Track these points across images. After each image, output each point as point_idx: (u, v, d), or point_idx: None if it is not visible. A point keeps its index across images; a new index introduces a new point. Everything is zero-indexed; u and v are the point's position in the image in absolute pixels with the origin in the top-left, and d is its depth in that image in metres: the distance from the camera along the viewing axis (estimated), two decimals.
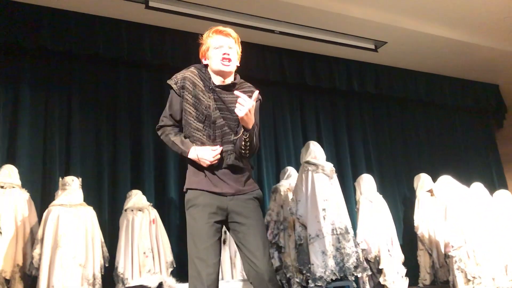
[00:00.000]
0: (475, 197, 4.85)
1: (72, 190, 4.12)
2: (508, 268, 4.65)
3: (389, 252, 4.98)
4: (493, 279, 4.46)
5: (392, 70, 6.73)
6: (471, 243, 4.52)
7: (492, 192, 5.28)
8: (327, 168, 4.54)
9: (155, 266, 4.29)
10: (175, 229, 4.92)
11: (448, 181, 4.96)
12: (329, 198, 4.39)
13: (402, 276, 4.95)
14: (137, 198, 4.53)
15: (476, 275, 4.43)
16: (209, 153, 2.20)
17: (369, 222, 5.08)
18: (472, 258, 4.48)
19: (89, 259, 3.97)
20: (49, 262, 3.81)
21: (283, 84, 6.10)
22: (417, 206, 5.57)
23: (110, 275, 4.24)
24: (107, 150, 4.97)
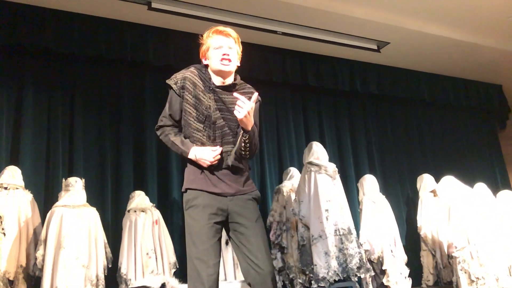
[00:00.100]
0: (479, 197, 4.83)
1: (75, 191, 4.12)
2: None
3: (392, 252, 4.97)
4: (497, 279, 4.43)
5: (394, 70, 6.72)
6: (475, 244, 4.49)
7: (495, 193, 5.25)
8: (330, 169, 4.54)
9: (158, 267, 4.29)
10: (178, 229, 4.92)
11: (451, 181, 4.94)
12: (332, 198, 4.39)
13: (405, 277, 4.94)
14: (140, 199, 4.53)
15: (480, 276, 4.41)
16: (209, 153, 2.20)
17: (372, 223, 5.06)
18: (475, 258, 4.46)
19: (92, 260, 3.97)
20: (52, 263, 3.81)
21: (286, 85, 6.10)
22: (420, 207, 5.55)
23: (113, 276, 4.25)
24: (110, 151, 4.98)
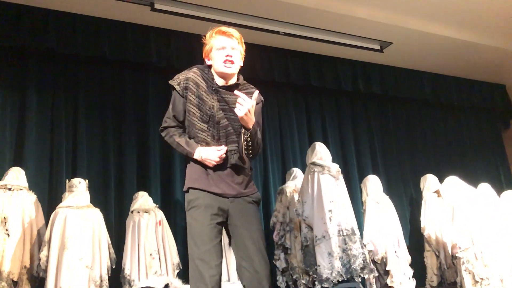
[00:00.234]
0: (482, 197, 4.81)
1: (79, 192, 4.13)
2: None
3: (396, 253, 4.96)
4: (501, 280, 4.42)
5: (397, 70, 6.71)
6: (479, 244, 4.48)
7: (499, 193, 5.24)
8: (333, 169, 4.53)
9: (161, 268, 4.29)
10: (181, 230, 4.91)
11: (455, 182, 4.93)
12: (335, 199, 4.38)
13: (409, 278, 4.92)
14: (143, 199, 4.54)
15: (484, 277, 4.39)
16: (214, 153, 2.21)
17: (375, 223, 5.05)
18: (479, 259, 4.45)
19: (96, 261, 3.97)
20: (56, 263, 3.82)
21: (289, 85, 6.10)
22: (423, 207, 5.54)
23: (117, 277, 4.25)
24: (114, 152, 4.98)
